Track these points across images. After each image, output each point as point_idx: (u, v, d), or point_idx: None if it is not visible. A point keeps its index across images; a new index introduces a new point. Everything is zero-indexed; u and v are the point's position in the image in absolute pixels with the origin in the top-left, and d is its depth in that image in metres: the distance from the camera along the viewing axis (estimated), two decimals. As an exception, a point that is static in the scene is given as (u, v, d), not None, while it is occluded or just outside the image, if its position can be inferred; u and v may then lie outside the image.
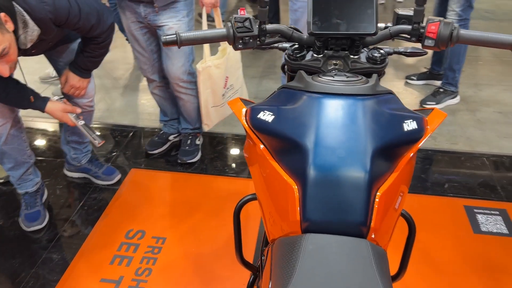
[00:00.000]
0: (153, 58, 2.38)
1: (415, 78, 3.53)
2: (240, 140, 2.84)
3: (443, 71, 3.43)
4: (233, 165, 2.59)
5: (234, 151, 2.74)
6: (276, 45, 1.22)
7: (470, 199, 2.31)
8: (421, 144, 1.01)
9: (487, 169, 2.57)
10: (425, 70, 3.57)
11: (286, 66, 1.27)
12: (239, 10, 1.14)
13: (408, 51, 1.25)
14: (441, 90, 3.22)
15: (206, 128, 2.54)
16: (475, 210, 2.22)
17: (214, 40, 1.12)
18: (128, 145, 2.79)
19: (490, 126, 3.01)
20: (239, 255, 1.42)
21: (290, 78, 1.29)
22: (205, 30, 1.11)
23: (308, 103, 0.95)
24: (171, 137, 2.76)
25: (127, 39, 3.94)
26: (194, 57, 2.36)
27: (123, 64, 3.86)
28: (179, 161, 2.59)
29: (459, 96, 3.26)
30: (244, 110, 1.17)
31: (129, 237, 2.08)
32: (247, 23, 1.11)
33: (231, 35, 1.10)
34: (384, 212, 0.90)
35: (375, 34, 1.09)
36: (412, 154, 0.99)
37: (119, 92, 3.45)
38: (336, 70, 1.11)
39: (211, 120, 2.50)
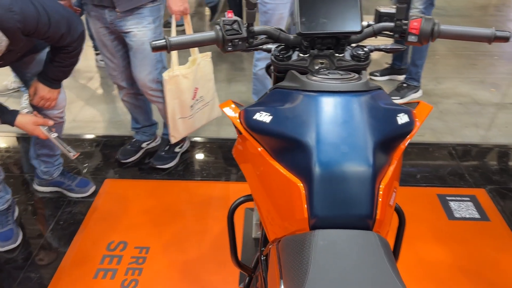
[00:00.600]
0: (123, 65, 2.33)
1: (378, 74, 3.65)
2: (215, 143, 2.83)
3: (404, 66, 3.56)
4: (211, 169, 2.58)
5: (210, 156, 2.72)
6: (262, 46, 1.24)
7: (442, 188, 2.41)
8: (412, 136, 1.05)
9: (454, 158, 2.69)
10: (387, 65, 3.69)
11: (272, 67, 1.28)
12: (226, 13, 1.15)
13: (388, 47, 1.29)
14: (405, 85, 3.34)
15: (173, 140, 2.47)
16: (448, 198, 2.32)
17: (203, 44, 1.12)
18: (99, 155, 2.71)
19: (452, 117, 3.15)
20: (235, 257, 1.42)
21: (277, 79, 1.31)
22: (194, 34, 1.11)
23: (306, 101, 0.96)
24: (144, 145, 2.71)
25: (93, 46, 3.85)
26: (165, 64, 2.32)
27: (86, 72, 3.75)
28: (151, 165, 2.56)
29: (421, 90, 3.39)
30: (237, 112, 1.17)
31: (110, 249, 2.03)
32: (235, 26, 1.11)
33: (220, 38, 1.10)
34: (386, 204, 0.93)
35: (360, 32, 1.12)
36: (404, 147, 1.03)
37: (84, 101, 3.35)
38: (325, 69, 1.14)
39: (178, 131, 2.44)
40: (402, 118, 1.02)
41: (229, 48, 1.13)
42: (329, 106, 0.94)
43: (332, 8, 1.11)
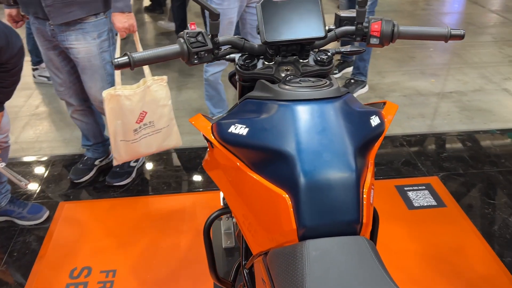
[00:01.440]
0: (70, 80, 2.21)
1: (337, 71, 3.73)
2: (173, 154, 2.76)
3: (353, 58, 3.66)
4: (171, 181, 2.51)
5: (169, 167, 2.65)
6: (226, 56, 1.22)
7: (398, 179, 2.50)
8: (384, 136, 1.08)
9: (406, 149, 2.81)
10: (339, 61, 3.79)
11: (237, 76, 1.26)
12: (189, 25, 1.11)
13: (348, 50, 1.32)
14: (352, 81, 3.44)
15: (115, 162, 2.30)
16: (405, 188, 2.41)
17: (168, 58, 1.08)
18: (49, 177, 2.56)
19: (399, 109, 3.28)
20: (214, 272, 1.39)
21: (242, 88, 1.29)
22: (157, 49, 1.07)
23: (282, 111, 0.95)
24: (97, 162, 2.59)
25: (31, 61, 3.61)
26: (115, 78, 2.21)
27: (24, 89, 3.53)
28: (106, 183, 2.45)
29: (367, 85, 3.51)
30: (209, 126, 1.14)
31: (74, 276, 1.91)
32: (200, 38, 1.09)
33: (185, 51, 1.07)
34: (369, 206, 0.95)
35: (325, 37, 1.13)
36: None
37: (25, 121, 3.15)
38: (292, 76, 1.14)
39: (120, 154, 2.25)
40: (375, 120, 1.04)
41: (195, 61, 1.10)
42: (306, 114, 0.94)
43: (295, 15, 1.11)
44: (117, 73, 2.09)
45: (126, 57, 1.04)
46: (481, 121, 3.12)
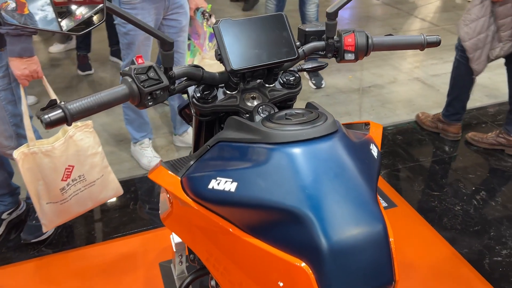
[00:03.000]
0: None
1: None
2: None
3: None
4: (98, 228, 2.19)
5: (97, 208, 2.31)
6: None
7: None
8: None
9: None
10: None
11: (193, 110, 1.06)
12: (135, 59, 0.88)
13: (311, 67, 1.18)
14: None
15: (44, 229, 1.92)
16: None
17: (115, 104, 0.84)
18: None
19: (325, 109, 3.26)
20: None
21: (199, 123, 1.09)
22: (99, 94, 0.82)
23: (279, 158, 0.77)
24: (4, 216, 2.16)
25: None
26: (21, 114, 1.83)
27: None
28: (22, 241, 2.06)
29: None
30: (175, 180, 0.92)
31: None
32: (152, 73, 0.87)
33: (136, 92, 0.84)
34: (397, 259, 0.81)
35: (298, 58, 0.98)
36: None
37: None
38: (264, 106, 0.97)
39: (50, 219, 1.88)
40: (374, 150, 0.91)
41: (150, 103, 0.88)
42: (310, 159, 0.77)
43: (261, 36, 0.95)
44: (28, 124, 1.73)
45: (60, 110, 0.78)
46: (404, 112, 3.22)
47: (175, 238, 1.61)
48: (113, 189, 2.04)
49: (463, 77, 2.62)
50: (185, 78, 0.97)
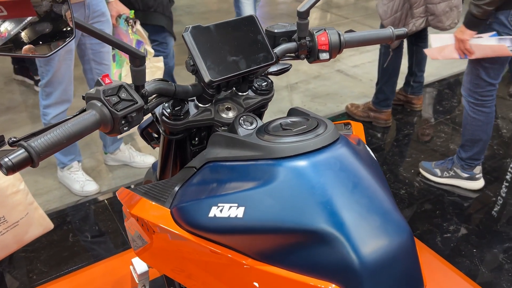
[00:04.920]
0: None
1: None
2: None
3: None
4: (35, 269, 1.93)
5: (28, 253, 2.04)
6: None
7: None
8: None
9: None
10: None
11: (161, 129, 0.95)
12: (100, 79, 0.75)
13: (276, 70, 1.12)
14: None
15: None
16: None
17: (84, 134, 0.72)
18: None
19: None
20: None
21: (168, 143, 0.98)
22: (65, 125, 0.69)
23: (291, 173, 0.70)
24: None
25: None
26: None
27: None
28: None
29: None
30: (162, 212, 0.81)
31: None
32: (123, 94, 0.75)
33: (108, 118, 0.73)
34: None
35: (276, 62, 0.91)
36: None
37: None
38: (251, 118, 0.89)
39: None
40: (370, 150, 0.88)
41: (125, 128, 0.76)
42: (326, 171, 0.70)
43: (236, 43, 0.87)
44: None
45: (22, 150, 0.64)
46: (334, 105, 3.29)
47: (138, 268, 1.46)
48: (41, 225, 1.80)
49: (391, 62, 2.74)
50: (155, 95, 0.86)
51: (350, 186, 0.70)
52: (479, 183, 2.33)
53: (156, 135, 1.13)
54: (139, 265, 1.43)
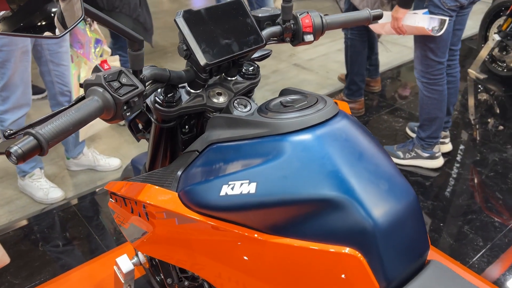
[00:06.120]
0: None
1: None
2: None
3: None
4: (6, 284, 1.83)
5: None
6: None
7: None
8: None
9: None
10: None
11: (154, 117, 0.94)
12: (99, 65, 0.74)
13: (258, 56, 1.14)
14: None
15: None
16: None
17: (88, 121, 0.70)
18: None
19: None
20: None
21: (159, 131, 0.98)
22: (68, 112, 0.67)
23: (300, 146, 0.72)
24: None
25: None
26: None
27: None
28: None
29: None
30: (168, 195, 0.80)
31: None
32: (124, 79, 0.74)
33: (111, 103, 0.72)
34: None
35: (265, 44, 0.93)
36: None
37: None
38: (244, 100, 0.91)
39: None
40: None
41: (128, 113, 0.75)
42: (333, 142, 0.73)
43: (226, 26, 0.88)
44: None
45: (31, 137, 0.62)
46: (295, 97, 3.35)
47: (123, 267, 1.43)
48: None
49: (359, 52, 2.82)
50: (151, 81, 0.85)
51: (356, 155, 0.73)
52: (439, 162, 2.46)
53: (141, 127, 1.11)
54: (124, 264, 1.40)
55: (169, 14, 5.24)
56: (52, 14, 0.65)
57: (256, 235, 0.73)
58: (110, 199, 1.17)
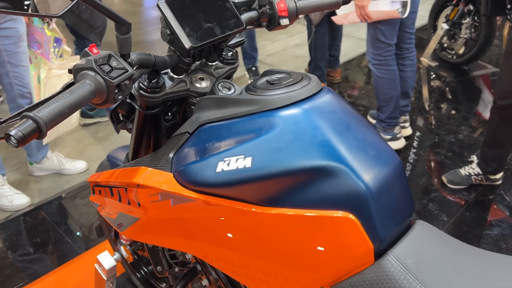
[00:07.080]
0: None
1: None
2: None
3: None
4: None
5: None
6: None
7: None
8: None
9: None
10: None
11: (138, 103, 0.95)
12: (88, 50, 0.74)
13: (233, 43, 1.17)
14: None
15: None
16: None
17: (82, 104, 0.70)
18: None
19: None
20: None
21: (143, 119, 0.98)
22: (63, 95, 0.67)
23: (292, 120, 0.75)
24: None
25: None
26: None
27: None
28: None
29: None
30: (162, 177, 0.81)
31: None
32: (114, 62, 0.75)
33: (103, 86, 0.72)
34: None
35: (245, 28, 0.96)
36: None
37: None
38: (228, 83, 0.93)
39: None
40: None
41: (119, 96, 0.75)
42: (322, 114, 0.77)
43: (207, 10, 0.90)
44: None
45: (29, 120, 0.61)
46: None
47: (105, 264, 1.41)
48: None
49: (321, 38, 2.94)
50: (137, 65, 0.85)
51: (344, 125, 0.77)
52: (401, 142, 2.58)
53: (122, 117, 1.10)
54: (106, 261, 1.38)
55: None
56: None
57: (253, 209, 0.75)
58: (92, 192, 1.16)
